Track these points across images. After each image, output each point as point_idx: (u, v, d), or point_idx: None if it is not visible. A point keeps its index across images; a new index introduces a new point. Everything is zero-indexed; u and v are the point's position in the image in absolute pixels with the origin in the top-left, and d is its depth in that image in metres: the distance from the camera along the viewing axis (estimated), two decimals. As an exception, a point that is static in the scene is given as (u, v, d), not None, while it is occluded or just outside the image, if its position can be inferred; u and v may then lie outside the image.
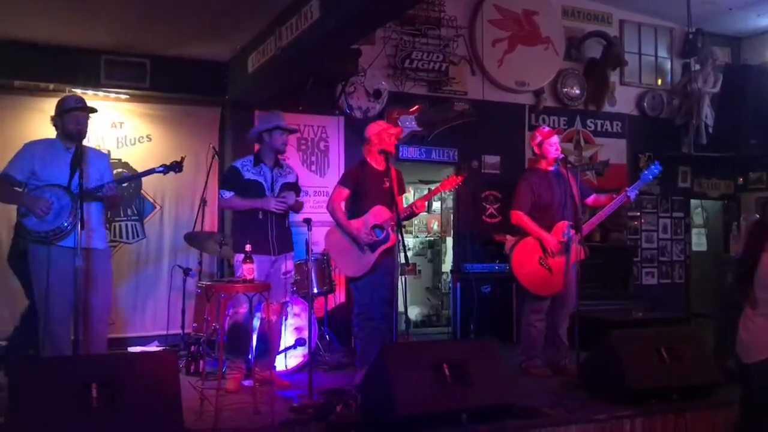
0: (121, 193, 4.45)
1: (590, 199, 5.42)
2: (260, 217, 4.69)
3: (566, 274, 5.12)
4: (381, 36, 7.12)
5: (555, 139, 5.27)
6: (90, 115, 4.34)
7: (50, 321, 4.06)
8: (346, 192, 4.98)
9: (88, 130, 4.40)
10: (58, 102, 4.38)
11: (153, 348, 6.09)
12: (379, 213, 4.84)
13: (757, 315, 3.45)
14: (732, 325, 3.74)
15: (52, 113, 4.35)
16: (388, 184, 4.86)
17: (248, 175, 4.77)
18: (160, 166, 4.40)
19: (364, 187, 4.93)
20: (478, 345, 4.23)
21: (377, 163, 4.97)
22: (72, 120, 4.25)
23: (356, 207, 4.97)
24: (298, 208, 4.93)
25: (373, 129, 4.99)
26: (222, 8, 5.45)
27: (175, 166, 4.39)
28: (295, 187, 4.94)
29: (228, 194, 4.77)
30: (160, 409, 3.34)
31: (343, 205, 5.00)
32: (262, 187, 4.75)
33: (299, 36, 5.06)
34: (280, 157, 4.94)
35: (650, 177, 5.24)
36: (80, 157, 4.11)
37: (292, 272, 4.99)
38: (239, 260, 4.59)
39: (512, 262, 5.18)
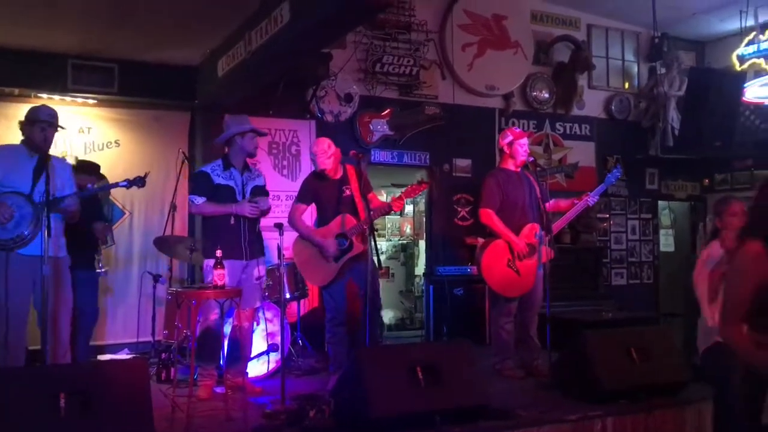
0: (79, 207, 4.41)
1: (550, 204, 5.40)
2: (232, 222, 4.66)
3: (535, 275, 5.16)
4: (352, 40, 7.13)
5: (525, 140, 5.32)
6: (59, 129, 4.34)
7: (8, 328, 3.99)
8: (303, 207, 4.98)
9: (56, 134, 4.36)
10: (31, 109, 4.36)
11: (123, 356, 6.01)
12: (339, 223, 4.82)
13: None
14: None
15: (21, 118, 4.31)
16: (348, 192, 4.86)
17: (218, 179, 4.72)
18: (124, 180, 4.42)
19: (323, 199, 4.92)
20: (451, 347, 4.25)
21: (333, 173, 4.95)
22: (39, 132, 4.23)
23: (320, 218, 4.96)
24: (267, 212, 4.91)
25: (315, 148, 4.94)
26: (191, 12, 5.41)
27: (138, 181, 4.41)
28: (264, 191, 4.91)
29: (199, 200, 4.69)
30: (131, 417, 3.29)
31: (304, 218, 5.01)
32: (234, 192, 4.71)
33: (269, 40, 5.04)
34: (248, 160, 4.91)
35: (612, 180, 5.43)
36: (45, 166, 4.07)
37: (264, 277, 4.96)
38: (209, 265, 4.55)
39: (481, 265, 5.20)
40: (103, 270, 5.42)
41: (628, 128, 8.86)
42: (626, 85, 9.00)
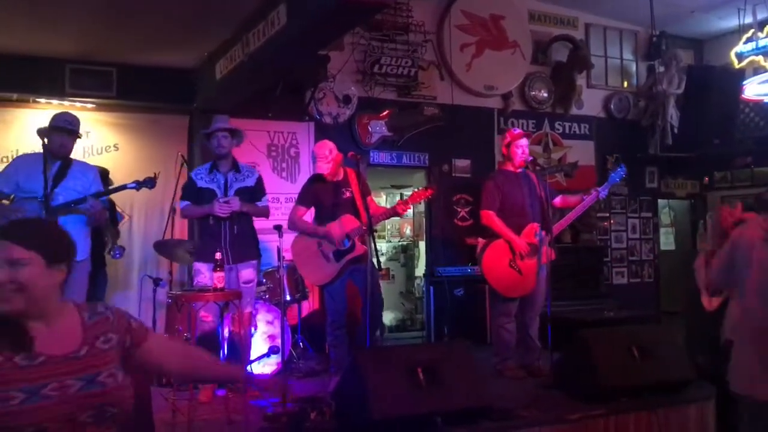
0: (104, 207, 4.44)
1: (558, 201, 5.46)
2: (211, 222, 4.65)
3: (537, 276, 5.16)
4: (349, 42, 7.13)
5: (524, 141, 5.31)
6: (80, 136, 4.44)
7: None
8: (303, 210, 4.99)
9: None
10: (53, 116, 4.45)
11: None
12: (347, 222, 4.82)
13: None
14: (702, 323, 3.81)
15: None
16: (348, 194, 4.86)
17: (201, 183, 4.75)
18: (133, 182, 4.41)
19: (324, 202, 4.92)
20: (452, 348, 4.23)
21: (333, 175, 4.94)
22: (56, 138, 4.29)
23: (320, 222, 4.96)
24: (258, 212, 4.86)
25: (317, 150, 4.98)
26: (188, 15, 5.40)
27: (148, 182, 4.41)
28: (255, 191, 4.86)
29: (183, 204, 4.79)
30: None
31: (305, 218, 5.02)
32: (215, 194, 4.71)
33: (266, 42, 5.03)
34: (250, 161, 4.91)
35: (617, 179, 5.39)
36: (69, 170, 4.19)
37: (254, 281, 4.91)
38: (198, 268, 4.57)
39: (483, 264, 5.20)
40: (118, 254, 5.37)
41: (627, 127, 8.85)
42: (625, 84, 9.00)
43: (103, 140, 6.56)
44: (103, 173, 5.59)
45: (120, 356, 1.97)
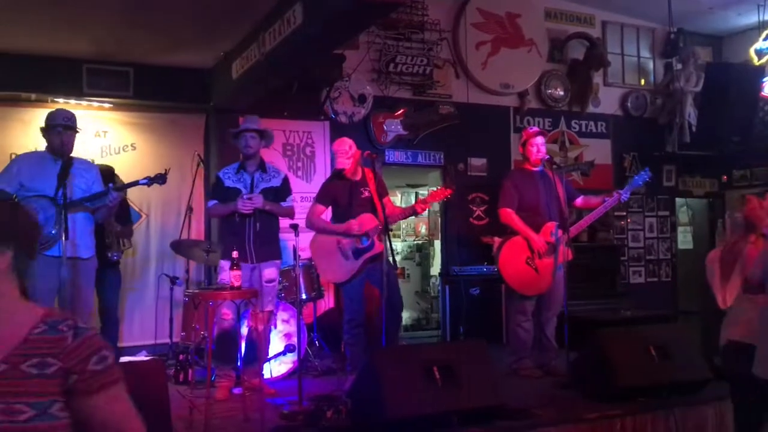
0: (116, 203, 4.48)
1: (579, 201, 5.43)
2: (237, 220, 4.68)
3: (554, 275, 5.13)
4: (365, 41, 7.13)
5: (539, 140, 5.29)
6: (78, 131, 4.38)
7: None
8: (322, 208, 5.01)
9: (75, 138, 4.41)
10: (48, 115, 4.41)
11: (141, 358, 6.04)
12: (366, 220, 4.83)
13: None
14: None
15: (38, 123, 4.37)
16: (366, 193, 4.87)
17: (228, 182, 4.79)
18: (144, 178, 4.42)
19: (342, 201, 4.94)
20: (468, 347, 4.23)
21: (352, 174, 4.95)
22: (57, 136, 4.28)
23: (338, 221, 4.98)
24: (282, 212, 4.89)
25: (336, 147, 5.03)
26: (205, 15, 5.43)
27: (159, 178, 4.41)
28: (281, 191, 4.89)
29: (211, 202, 4.85)
30: (149, 419, 3.28)
31: (323, 217, 5.03)
32: (241, 194, 4.74)
33: (282, 41, 5.04)
34: (271, 161, 4.95)
35: (640, 182, 5.31)
36: (65, 169, 4.14)
37: (277, 281, 4.95)
38: (223, 266, 4.60)
39: (499, 261, 5.21)
40: (116, 257, 5.40)
41: (644, 125, 8.78)
42: (642, 82, 8.93)
43: (121, 140, 6.60)
44: (109, 171, 5.63)
45: (60, 390, 1.49)
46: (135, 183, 4.48)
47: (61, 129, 4.28)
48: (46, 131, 4.33)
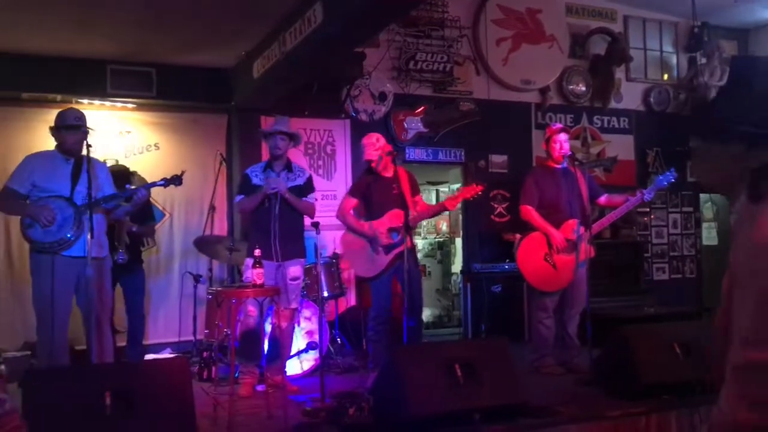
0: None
1: (603, 199, 5.39)
2: (264, 216, 4.72)
3: (575, 272, 5.11)
4: (385, 38, 7.13)
5: (562, 136, 5.26)
6: (89, 131, 4.33)
7: (53, 329, 4.09)
8: (354, 201, 5.04)
9: (96, 139, 4.45)
10: (57, 115, 4.41)
11: (166, 355, 6.11)
12: (395, 216, 4.86)
13: None
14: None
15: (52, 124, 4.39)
16: (397, 190, 4.90)
17: (255, 180, 4.89)
18: (161, 179, 4.49)
19: (373, 196, 4.98)
20: (489, 344, 4.23)
21: (384, 170, 4.99)
22: (68, 136, 4.29)
23: (369, 215, 5.01)
24: (302, 206, 4.90)
25: (364, 140, 5.08)
26: (226, 15, 5.47)
27: (175, 180, 4.48)
28: (304, 189, 4.96)
29: (238, 197, 4.95)
30: (174, 415, 3.35)
31: (352, 212, 5.06)
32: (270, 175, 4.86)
33: (303, 40, 5.07)
34: (292, 160, 5.02)
35: (665, 183, 5.21)
36: (84, 167, 4.18)
37: (301, 278, 5.00)
38: (248, 264, 4.63)
39: (518, 256, 5.21)
40: (120, 259, 5.44)
41: (667, 120, 8.68)
42: (665, 77, 8.82)
43: (145, 140, 6.68)
44: (126, 172, 5.67)
45: None
46: (153, 184, 4.53)
47: (73, 129, 4.28)
48: (57, 131, 4.33)
